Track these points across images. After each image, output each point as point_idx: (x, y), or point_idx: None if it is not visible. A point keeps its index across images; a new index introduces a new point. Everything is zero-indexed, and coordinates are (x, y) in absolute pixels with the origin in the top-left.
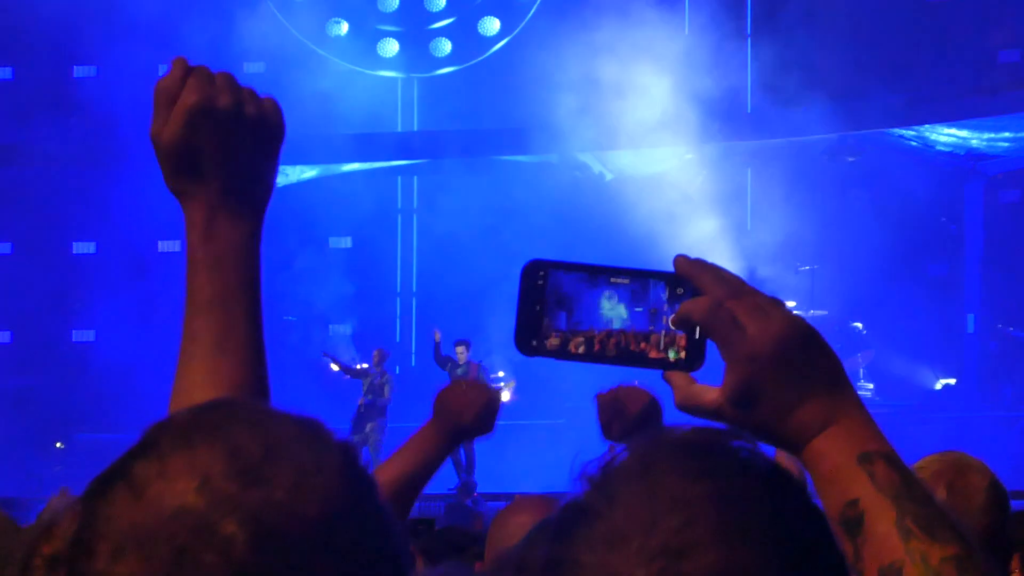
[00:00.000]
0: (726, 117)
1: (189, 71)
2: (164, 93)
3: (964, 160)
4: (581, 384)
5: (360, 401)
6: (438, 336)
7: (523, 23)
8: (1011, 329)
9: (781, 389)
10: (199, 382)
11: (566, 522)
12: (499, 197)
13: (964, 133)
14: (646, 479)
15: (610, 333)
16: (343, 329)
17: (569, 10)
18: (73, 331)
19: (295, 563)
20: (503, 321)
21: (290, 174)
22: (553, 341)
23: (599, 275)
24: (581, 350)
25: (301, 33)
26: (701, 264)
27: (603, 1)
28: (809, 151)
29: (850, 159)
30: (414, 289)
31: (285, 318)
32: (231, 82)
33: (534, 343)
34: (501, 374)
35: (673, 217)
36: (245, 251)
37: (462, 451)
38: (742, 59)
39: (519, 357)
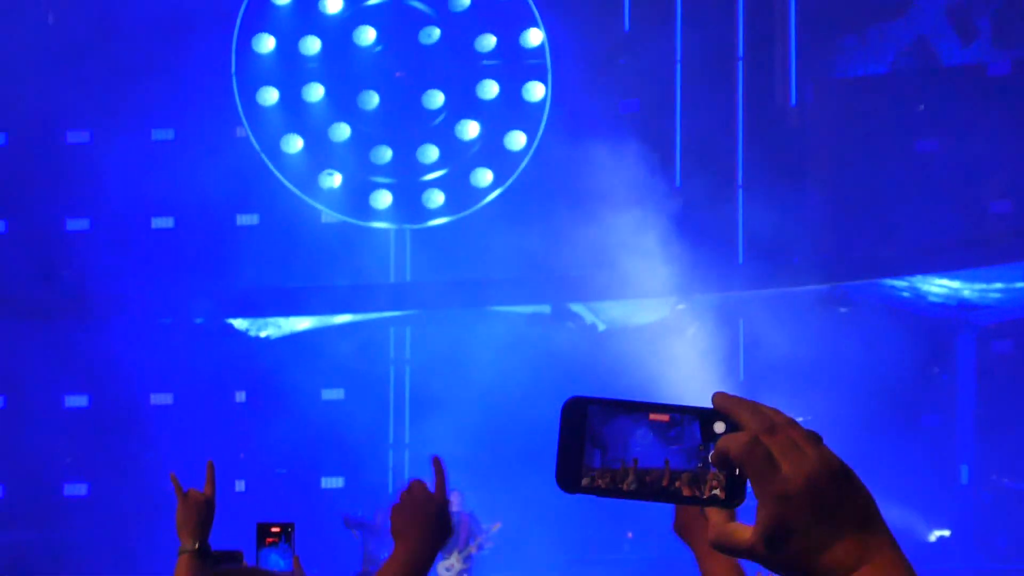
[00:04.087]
0: (718, 267)
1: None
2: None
3: (956, 311)
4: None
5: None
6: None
7: (515, 175)
8: (1005, 480)
9: (813, 528)
10: None
11: None
12: (492, 347)
13: (956, 284)
14: None
15: (646, 472)
16: (335, 482)
17: (561, 162)
18: (65, 485)
19: None
20: (499, 471)
21: (283, 326)
22: (590, 480)
23: (638, 412)
24: (620, 486)
25: (294, 185)
26: (739, 399)
27: (594, 153)
28: (801, 301)
29: (842, 310)
30: (407, 441)
31: (276, 471)
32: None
33: (575, 481)
34: (496, 527)
35: (666, 367)
36: None
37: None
38: (733, 209)
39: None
